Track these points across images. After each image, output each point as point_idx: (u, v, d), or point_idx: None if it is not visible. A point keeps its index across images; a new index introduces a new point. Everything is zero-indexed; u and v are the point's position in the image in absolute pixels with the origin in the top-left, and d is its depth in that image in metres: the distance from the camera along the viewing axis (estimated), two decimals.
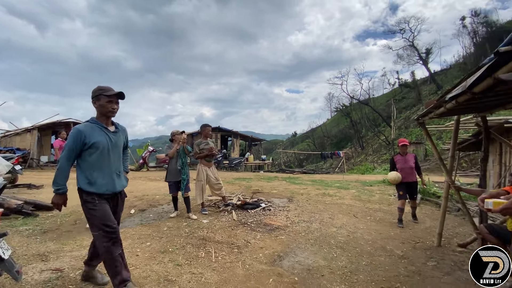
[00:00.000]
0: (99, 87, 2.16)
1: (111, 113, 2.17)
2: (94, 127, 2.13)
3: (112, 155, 2.20)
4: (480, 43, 27.30)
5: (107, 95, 2.11)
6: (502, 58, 1.32)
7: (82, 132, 2.06)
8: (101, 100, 2.12)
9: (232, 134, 20.48)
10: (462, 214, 5.13)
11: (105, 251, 2.07)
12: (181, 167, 4.66)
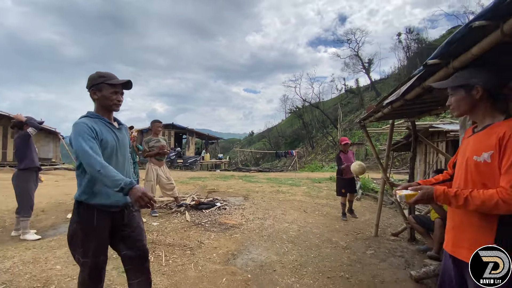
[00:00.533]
0: (99, 73, 1.70)
1: (115, 106, 1.73)
2: (99, 122, 1.65)
3: (121, 157, 1.75)
4: (412, 57, 31.47)
5: (112, 84, 1.67)
6: (429, 70, 1.54)
7: (90, 125, 1.57)
8: (104, 90, 1.66)
9: (187, 132, 19.78)
10: (395, 206, 5.86)
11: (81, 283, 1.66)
12: (133, 166, 4.33)
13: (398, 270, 2.84)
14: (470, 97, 1.22)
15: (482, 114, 1.23)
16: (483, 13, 0.98)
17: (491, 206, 1.05)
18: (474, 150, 1.19)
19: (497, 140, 1.10)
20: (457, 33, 1.14)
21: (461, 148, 1.35)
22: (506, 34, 0.97)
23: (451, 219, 1.32)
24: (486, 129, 1.20)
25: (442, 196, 1.15)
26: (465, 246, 1.20)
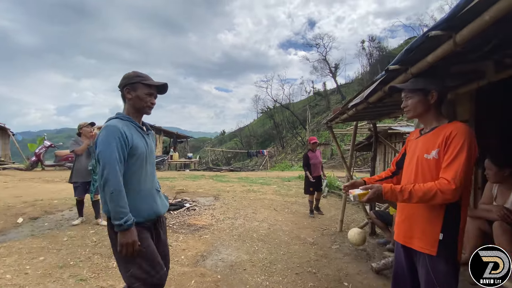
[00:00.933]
0: (136, 72, 1.57)
1: (148, 109, 1.60)
2: (130, 126, 1.50)
3: (150, 166, 1.60)
4: (374, 64, 33.69)
5: (148, 85, 1.54)
6: (391, 75, 1.66)
7: (122, 130, 1.42)
8: (139, 90, 1.53)
9: (154, 130, 18.91)
10: (358, 203, 6.23)
11: None
12: (93, 166, 4.02)
13: (360, 263, 3.01)
14: (425, 101, 1.35)
15: (431, 118, 1.37)
16: (439, 24, 1.08)
17: (431, 196, 1.17)
18: (424, 149, 1.32)
19: (444, 138, 1.24)
20: (415, 41, 1.24)
21: (410, 148, 1.48)
22: (458, 44, 1.07)
23: (401, 212, 1.44)
24: (434, 130, 1.34)
25: (390, 192, 1.25)
26: (416, 236, 1.32)
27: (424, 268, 1.28)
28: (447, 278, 1.23)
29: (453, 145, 1.20)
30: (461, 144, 1.19)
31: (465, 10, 0.96)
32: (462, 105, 2.69)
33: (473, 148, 1.20)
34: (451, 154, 1.20)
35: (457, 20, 1.01)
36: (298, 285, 2.51)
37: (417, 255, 1.34)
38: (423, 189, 1.19)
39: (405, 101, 1.42)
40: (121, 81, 1.55)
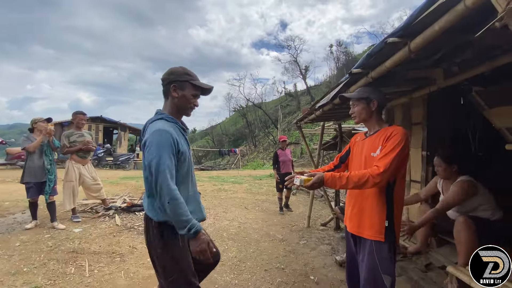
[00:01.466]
0: (185, 70, 1.45)
1: (190, 111, 1.51)
2: (176, 128, 1.40)
3: (192, 168, 1.51)
4: (341, 67, 35.37)
5: (196, 86, 1.45)
6: (354, 78, 1.75)
7: (173, 135, 1.33)
8: (186, 90, 1.43)
9: (119, 126, 17.83)
10: (324, 199, 6.50)
11: None
12: (50, 164, 3.69)
13: (326, 257, 3.15)
14: (368, 108, 1.58)
15: (374, 122, 1.60)
16: (396, 31, 1.17)
17: (364, 181, 1.34)
18: (371, 149, 1.52)
19: (385, 137, 1.45)
20: (376, 47, 1.32)
21: (356, 149, 1.68)
22: (412, 51, 1.17)
23: (353, 207, 1.60)
24: (377, 133, 1.55)
25: (330, 179, 1.39)
26: (367, 226, 1.50)
27: (369, 255, 1.44)
28: (390, 263, 1.42)
29: (391, 141, 1.40)
30: (397, 142, 1.39)
31: (418, 20, 1.05)
32: (416, 108, 2.95)
33: (407, 147, 1.41)
34: (387, 148, 1.40)
35: (411, 29, 1.10)
36: (266, 282, 2.55)
37: (363, 243, 1.51)
38: (358, 175, 1.36)
39: (352, 108, 1.64)
40: (167, 75, 1.44)
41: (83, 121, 4.12)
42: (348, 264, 1.72)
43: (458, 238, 2.05)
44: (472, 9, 0.87)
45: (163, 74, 1.46)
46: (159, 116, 1.41)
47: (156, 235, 1.36)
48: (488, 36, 1.23)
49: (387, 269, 1.40)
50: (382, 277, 1.40)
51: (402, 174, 1.48)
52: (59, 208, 4.38)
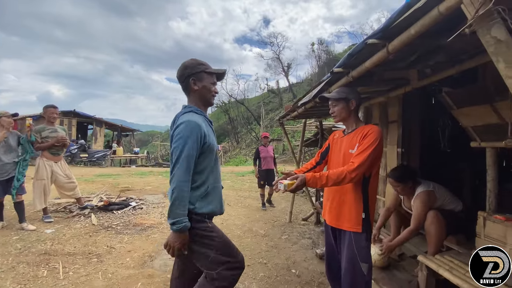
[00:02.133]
0: (197, 60, 1.45)
1: (213, 100, 1.54)
2: (204, 121, 1.44)
3: (218, 161, 1.54)
4: (322, 66, 36.03)
5: (211, 73, 1.46)
6: (335, 77, 1.80)
7: (202, 127, 1.36)
8: (204, 80, 1.44)
9: (94, 121, 16.99)
10: (305, 195, 6.66)
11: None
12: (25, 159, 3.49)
13: (307, 251, 3.24)
14: (347, 108, 1.66)
15: (352, 121, 1.69)
16: (376, 33, 1.21)
17: (342, 177, 1.43)
18: (349, 146, 1.61)
19: (362, 135, 1.54)
20: (356, 47, 1.37)
21: (335, 146, 1.77)
22: (390, 53, 1.23)
23: (332, 201, 1.68)
24: (354, 131, 1.65)
25: (312, 180, 1.45)
26: (346, 219, 1.59)
27: (349, 245, 1.54)
28: (366, 252, 1.52)
29: (367, 139, 1.50)
30: (373, 140, 1.49)
31: (396, 23, 1.10)
32: (392, 107, 3.09)
33: (381, 144, 1.52)
34: (363, 146, 1.49)
35: (389, 31, 1.15)
36: (249, 277, 2.58)
37: (343, 235, 1.60)
38: (336, 173, 1.45)
39: (332, 108, 1.71)
40: (182, 71, 1.44)
41: (55, 115, 3.89)
42: (327, 255, 1.80)
43: (429, 231, 2.18)
44: (445, 15, 0.92)
45: (178, 72, 1.47)
46: (188, 109, 1.43)
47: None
48: (458, 42, 1.32)
49: (364, 258, 1.50)
50: (360, 266, 1.49)
51: (376, 169, 1.59)
52: (29, 208, 4.12)
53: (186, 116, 1.37)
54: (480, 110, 1.98)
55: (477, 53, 1.51)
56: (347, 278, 1.54)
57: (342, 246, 1.60)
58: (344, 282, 1.55)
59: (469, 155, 3.19)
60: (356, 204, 1.56)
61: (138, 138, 28.41)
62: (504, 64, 0.78)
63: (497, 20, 0.78)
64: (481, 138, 2.18)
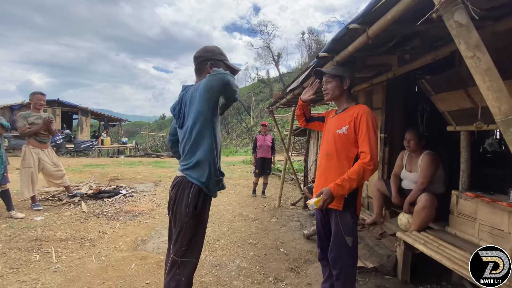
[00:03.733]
0: (219, 49, 1.53)
1: None
2: None
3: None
4: (312, 55, 35.98)
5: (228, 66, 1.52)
6: (321, 61, 1.87)
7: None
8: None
9: (80, 111, 16.50)
10: (294, 182, 6.84)
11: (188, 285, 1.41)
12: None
13: (294, 232, 3.40)
14: (341, 86, 1.66)
15: (343, 100, 1.69)
16: (357, 18, 1.29)
17: (362, 173, 1.46)
18: (337, 126, 1.65)
19: (352, 118, 1.58)
20: (339, 32, 1.44)
21: (328, 124, 1.79)
22: (370, 38, 1.30)
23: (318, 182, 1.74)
24: (345, 111, 1.66)
25: (336, 189, 1.49)
26: None
27: (335, 221, 1.64)
28: (351, 228, 1.62)
29: (362, 125, 1.53)
30: (366, 123, 1.52)
31: (374, 9, 1.17)
32: (376, 95, 3.21)
33: (375, 123, 1.56)
34: (363, 132, 1.52)
35: (369, 16, 1.22)
36: (240, 256, 2.70)
37: (331, 213, 1.69)
38: (355, 172, 1.47)
39: (325, 85, 1.70)
40: (202, 53, 1.49)
41: (42, 101, 3.80)
42: (318, 233, 1.88)
43: (419, 213, 2.31)
44: (417, 1, 1.00)
45: (198, 52, 1.51)
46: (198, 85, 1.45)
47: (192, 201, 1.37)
48: (432, 28, 1.42)
49: (348, 232, 1.61)
50: (345, 239, 1.60)
51: None
52: (17, 197, 4.08)
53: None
54: (455, 95, 2.12)
55: (451, 40, 1.61)
56: (333, 250, 1.66)
57: (330, 222, 1.69)
58: (331, 253, 1.67)
59: (447, 140, 3.38)
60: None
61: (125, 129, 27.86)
62: (465, 46, 0.87)
63: (459, 6, 0.86)
64: (456, 122, 2.33)
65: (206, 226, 1.52)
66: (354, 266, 1.66)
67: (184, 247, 1.38)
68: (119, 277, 2.25)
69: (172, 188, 1.49)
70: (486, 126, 1.92)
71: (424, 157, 2.50)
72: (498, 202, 1.90)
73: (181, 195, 1.40)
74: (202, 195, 1.40)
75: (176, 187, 1.45)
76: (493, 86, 0.83)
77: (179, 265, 1.38)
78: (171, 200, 1.48)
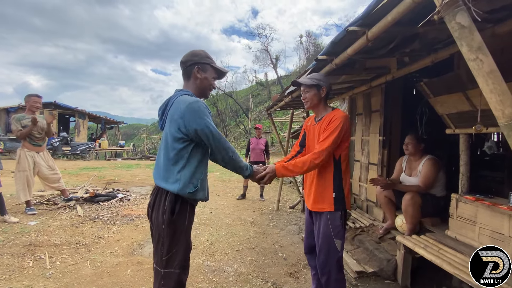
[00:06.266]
0: (205, 53, 1.51)
1: (209, 92, 1.58)
2: None
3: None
4: (310, 59, 36.12)
5: (216, 69, 1.52)
6: (319, 64, 1.86)
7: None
8: (208, 72, 1.50)
9: (77, 113, 16.40)
10: (293, 185, 6.81)
11: None
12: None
13: (293, 236, 3.36)
14: (318, 94, 1.69)
15: (321, 108, 1.73)
16: (356, 20, 1.27)
17: (308, 165, 1.55)
18: (318, 134, 1.68)
19: (327, 123, 1.62)
20: (339, 35, 1.43)
21: (309, 132, 1.82)
22: (369, 40, 1.29)
23: (307, 187, 1.80)
24: (323, 118, 1.69)
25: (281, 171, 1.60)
26: (319, 201, 1.69)
27: (324, 224, 1.63)
28: (340, 229, 1.63)
29: (331, 126, 1.59)
30: (336, 126, 1.57)
31: (375, 11, 1.16)
32: (375, 97, 3.20)
33: (345, 129, 1.58)
34: (327, 132, 1.58)
35: (368, 19, 1.21)
36: (238, 261, 2.66)
37: (318, 216, 1.70)
38: (302, 161, 1.57)
39: (303, 94, 1.74)
40: (189, 57, 1.48)
41: (38, 104, 3.75)
42: (306, 235, 1.90)
43: (406, 211, 2.38)
44: (417, 3, 0.99)
45: (184, 56, 1.49)
46: (185, 92, 1.43)
47: (168, 207, 1.33)
48: (432, 30, 1.41)
49: (338, 235, 1.61)
50: (334, 242, 1.60)
51: (346, 151, 1.67)
52: (11, 201, 4.02)
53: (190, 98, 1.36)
54: (454, 98, 2.11)
55: (450, 42, 1.60)
56: (321, 253, 1.65)
57: (319, 225, 1.69)
58: (319, 257, 1.66)
59: (445, 142, 3.37)
60: (325, 186, 1.65)
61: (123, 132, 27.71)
62: (467, 48, 0.85)
63: (461, 8, 0.85)
64: (455, 125, 2.32)
65: (189, 234, 1.46)
66: (341, 270, 1.67)
67: (164, 257, 1.35)
68: (114, 283, 2.20)
69: (151, 194, 1.46)
70: (486, 129, 1.91)
71: (426, 162, 2.49)
72: (498, 205, 1.89)
73: (159, 201, 1.37)
74: (179, 200, 1.35)
75: (154, 192, 1.42)
76: (496, 89, 0.81)
77: (162, 276, 1.35)
78: (149, 207, 1.44)
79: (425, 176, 2.44)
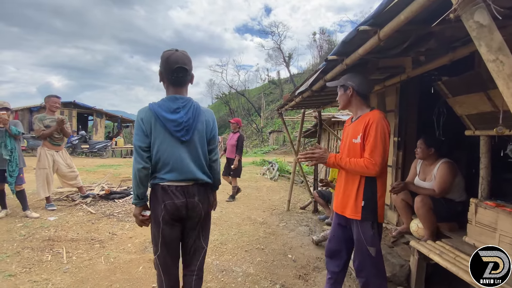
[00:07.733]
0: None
1: None
2: None
3: None
4: (323, 56, 35.52)
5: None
6: (330, 65, 1.81)
7: None
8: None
9: (95, 112, 16.99)
10: (304, 185, 6.73)
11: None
12: (10, 154, 3.44)
13: (303, 237, 3.32)
14: (345, 95, 1.67)
15: (355, 108, 1.69)
16: (367, 19, 1.22)
17: (359, 168, 1.52)
18: (352, 135, 1.63)
19: (364, 125, 1.55)
20: (349, 34, 1.38)
21: (345, 133, 1.78)
22: (381, 40, 1.24)
23: (338, 190, 1.75)
24: (359, 119, 1.64)
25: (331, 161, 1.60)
26: (349, 207, 1.63)
27: (356, 231, 1.60)
28: (373, 237, 1.56)
29: (371, 131, 1.51)
30: (375, 131, 1.50)
31: (387, 9, 1.11)
32: (390, 97, 3.10)
33: (385, 130, 1.51)
34: (369, 138, 1.51)
35: (380, 17, 1.16)
36: (247, 261, 2.66)
37: (351, 222, 1.65)
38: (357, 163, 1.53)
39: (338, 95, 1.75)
40: (190, 64, 1.51)
41: (57, 104, 3.91)
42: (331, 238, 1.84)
43: (418, 214, 2.31)
44: (432, 1, 0.94)
45: (185, 63, 1.46)
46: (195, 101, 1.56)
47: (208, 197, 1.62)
48: (449, 28, 1.33)
49: (370, 242, 1.57)
50: (367, 248, 1.57)
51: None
52: (32, 197, 4.21)
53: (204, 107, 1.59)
54: (475, 98, 2.00)
55: (470, 40, 1.51)
56: (356, 257, 1.64)
57: (352, 231, 1.66)
58: (355, 260, 1.66)
59: (464, 144, 3.21)
60: (357, 193, 1.59)
61: None
62: (486, 48, 0.80)
63: (480, 5, 0.79)
64: (475, 126, 2.20)
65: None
66: (379, 275, 1.63)
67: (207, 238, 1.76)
68: (126, 279, 2.26)
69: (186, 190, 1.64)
70: (508, 131, 1.80)
71: (441, 166, 2.37)
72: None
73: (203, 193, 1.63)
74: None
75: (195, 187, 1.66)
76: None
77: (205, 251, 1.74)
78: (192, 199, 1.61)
79: (441, 181, 2.32)
